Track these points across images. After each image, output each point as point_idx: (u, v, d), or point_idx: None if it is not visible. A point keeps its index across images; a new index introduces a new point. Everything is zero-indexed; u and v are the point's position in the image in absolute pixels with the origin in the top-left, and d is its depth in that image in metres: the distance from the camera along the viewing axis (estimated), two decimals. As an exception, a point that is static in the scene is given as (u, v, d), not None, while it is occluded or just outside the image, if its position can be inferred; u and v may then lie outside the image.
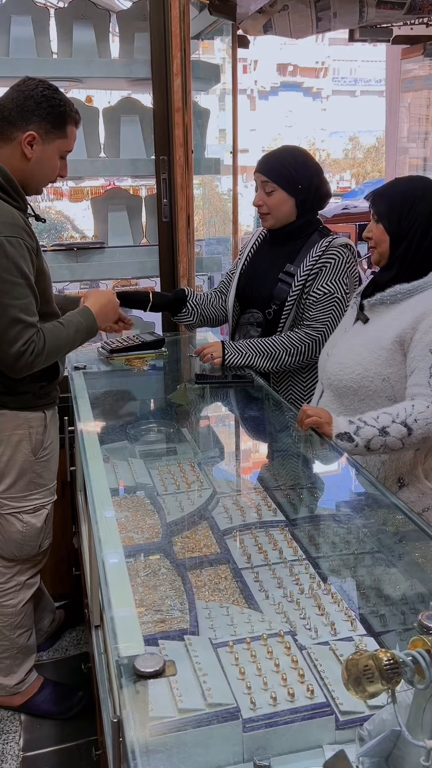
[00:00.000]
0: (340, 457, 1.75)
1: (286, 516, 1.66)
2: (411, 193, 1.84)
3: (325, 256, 2.25)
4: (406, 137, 4.29)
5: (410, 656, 0.91)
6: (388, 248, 1.86)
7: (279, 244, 2.37)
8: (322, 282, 2.24)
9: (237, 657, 1.19)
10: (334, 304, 2.24)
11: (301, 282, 2.26)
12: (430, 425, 1.70)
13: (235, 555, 1.53)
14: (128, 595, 1.05)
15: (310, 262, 2.26)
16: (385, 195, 1.88)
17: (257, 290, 2.37)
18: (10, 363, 1.89)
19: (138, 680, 0.81)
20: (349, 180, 26.42)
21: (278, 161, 2.27)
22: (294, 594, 1.38)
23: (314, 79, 37.50)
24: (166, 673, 0.80)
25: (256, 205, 2.31)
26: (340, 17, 3.05)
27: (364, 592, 1.42)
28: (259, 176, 2.28)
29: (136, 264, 2.91)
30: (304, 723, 1.09)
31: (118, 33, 2.90)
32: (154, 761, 0.91)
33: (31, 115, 1.88)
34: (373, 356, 1.84)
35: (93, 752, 1.41)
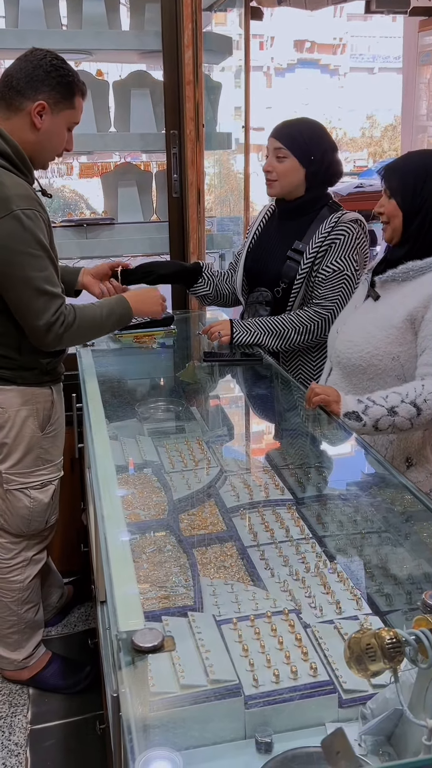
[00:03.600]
0: (348, 436, 1.73)
1: (293, 494, 1.65)
2: (425, 168, 1.79)
3: (335, 232, 2.20)
4: (425, 114, 4.18)
5: (413, 635, 0.90)
6: (401, 224, 1.82)
7: (288, 219, 2.32)
8: (332, 259, 2.20)
9: (240, 634, 1.19)
10: (344, 281, 2.20)
11: (310, 259, 2.22)
12: None
13: (241, 533, 1.52)
14: (130, 570, 1.05)
15: (319, 238, 2.21)
16: (398, 170, 1.83)
17: (266, 268, 2.33)
18: (40, 335, 1.91)
19: (136, 655, 0.80)
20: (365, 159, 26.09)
21: (295, 129, 2.23)
22: (300, 572, 1.37)
23: (331, 56, 36.94)
24: (165, 648, 0.80)
25: (266, 171, 2.26)
26: (356, -13, 2.97)
27: (369, 572, 1.41)
28: (273, 141, 2.23)
29: (145, 240, 2.88)
30: (306, 700, 1.09)
31: (128, 4, 2.85)
32: (153, 736, 0.90)
33: (40, 84, 1.85)
34: (383, 334, 1.81)
35: (97, 726, 1.42)
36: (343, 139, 28.91)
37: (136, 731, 0.73)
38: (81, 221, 2.84)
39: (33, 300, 1.86)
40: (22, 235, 1.82)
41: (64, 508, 2.29)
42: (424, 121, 4.18)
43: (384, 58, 35.99)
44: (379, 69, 36.36)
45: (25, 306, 1.87)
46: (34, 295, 1.86)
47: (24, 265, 1.84)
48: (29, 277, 1.85)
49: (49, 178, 3.62)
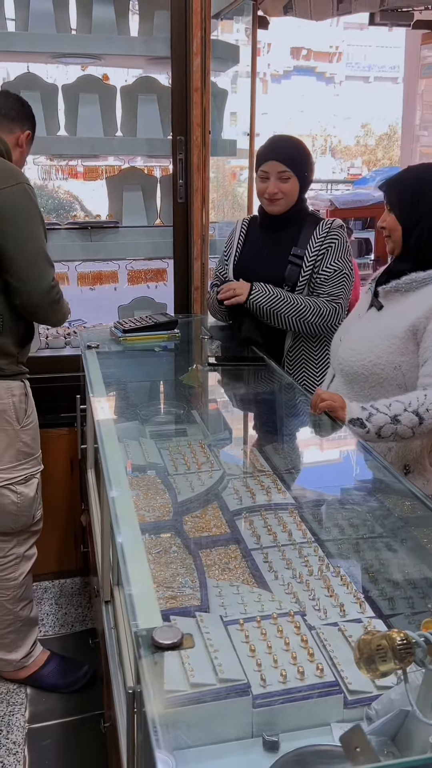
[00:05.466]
0: (352, 442, 1.76)
1: (296, 498, 1.67)
2: (423, 181, 1.83)
3: (330, 237, 2.39)
4: (419, 125, 4.25)
5: (423, 637, 0.93)
6: (401, 238, 1.85)
7: (278, 228, 2.46)
8: (330, 261, 2.38)
9: (247, 635, 1.21)
10: (345, 279, 2.38)
11: (311, 262, 2.38)
12: None
13: (244, 535, 1.54)
14: (146, 570, 1.07)
15: (316, 243, 2.38)
16: (397, 184, 1.88)
17: (264, 274, 2.42)
18: (43, 294, 2.06)
19: (156, 652, 0.82)
20: (360, 167, 26.22)
21: (293, 150, 2.39)
22: (303, 575, 1.39)
23: (327, 64, 37.10)
24: (184, 646, 0.82)
25: (272, 194, 2.37)
26: (361, 0, 3.01)
27: (373, 575, 1.43)
28: (277, 165, 2.35)
29: (149, 244, 2.91)
30: (313, 701, 1.11)
31: (137, 10, 2.88)
32: (167, 733, 0.92)
33: (25, 118, 2.20)
34: (386, 344, 1.84)
35: (102, 724, 1.44)
36: (338, 147, 29.07)
37: (160, 727, 0.75)
38: (86, 224, 2.86)
39: (40, 262, 2.04)
40: (33, 203, 2.04)
41: (61, 508, 2.31)
42: (418, 130, 4.24)
43: (380, 68, 36.18)
44: (374, 78, 36.55)
45: (33, 266, 2.02)
46: (41, 258, 2.04)
47: (34, 230, 2.03)
48: (39, 239, 2.04)
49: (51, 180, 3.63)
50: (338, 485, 1.81)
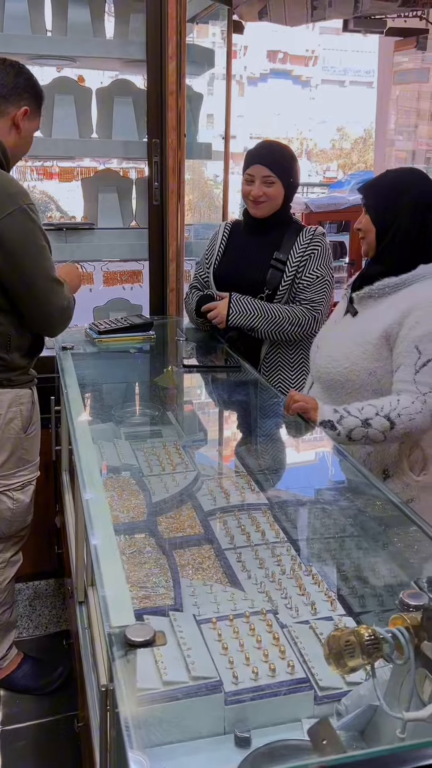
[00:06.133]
0: (327, 444, 1.78)
1: (269, 499, 1.69)
2: (398, 184, 1.85)
3: (313, 244, 2.43)
4: (394, 129, 4.32)
5: (390, 633, 0.95)
6: (374, 239, 1.86)
7: (261, 233, 2.49)
8: (313, 267, 2.42)
9: (220, 633, 1.22)
10: (326, 285, 2.42)
11: (294, 268, 2.41)
12: (413, 421, 1.72)
13: (218, 535, 1.55)
14: (119, 569, 1.08)
15: (300, 249, 2.42)
16: (374, 186, 1.90)
17: (245, 277, 2.45)
18: (53, 321, 2.04)
19: (129, 650, 0.84)
20: (335, 170, 26.40)
21: (280, 155, 2.43)
22: (276, 574, 1.41)
23: (304, 68, 37.34)
24: (157, 643, 0.83)
25: (257, 197, 2.40)
26: (335, 6, 3.05)
27: (344, 574, 1.46)
28: (261, 169, 2.40)
29: (125, 246, 2.92)
30: (284, 697, 1.13)
31: (113, 12, 2.88)
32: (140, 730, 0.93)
33: (23, 91, 1.97)
34: (361, 350, 1.85)
35: (75, 724, 1.44)
36: (314, 150, 29.25)
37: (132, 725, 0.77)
38: (61, 225, 2.86)
39: (48, 287, 1.97)
40: (33, 228, 1.94)
41: (37, 509, 2.31)
42: (393, 135, 4.31)
43: (355, 72, 36.48)
44: (350, 82, 36.85)
45: (42, 294, 1.96)
46: (48, 283, 1.97)
47: (37, 256, 1.94)
48: (43, 267, 1.96)
49: (25, 181, 3.62)
50: (311, 486, 1.83)
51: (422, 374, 1.74)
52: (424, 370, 1.74)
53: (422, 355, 1.74)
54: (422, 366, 1.74)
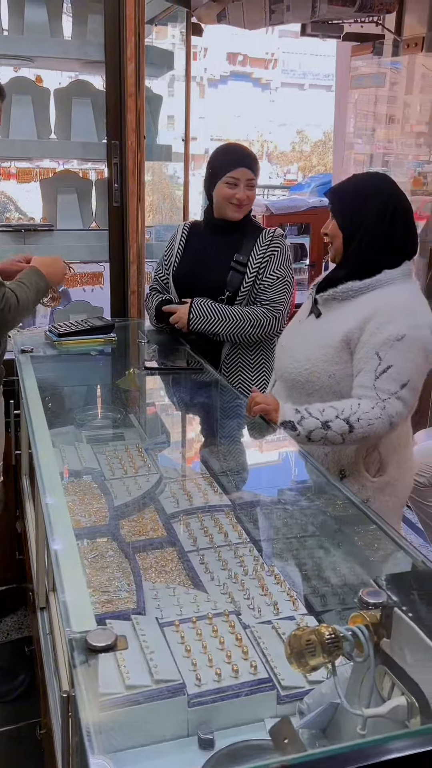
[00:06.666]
0: (288, 445, 1.80)
1: (232, 500, 1.70)
2: (363, 190, 1.85)
3: (273, 246, 2.45)
4: (352, 133, 4.38)
5: (350, 631, 0.96)
6: (341, 245, 1.87)
7: (222, 235, 2.50)
8: (274, 268, 2.44)
9: (183, 635, 1.22)
10: (287, 286, 2.45)
11: (254, 270, 2.43)
12: (371, 426, 1.73)
13: (181, 538, 1.55)
14: (79, 574, 1.07)
15: (260, 251, 2.44)
16: (340, 191, 1.90)
17: (205, 279, 2.46)
18: None
19: (90, 655, 0.83)
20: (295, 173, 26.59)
21: (257, 160, 2.49)
22: (239, 575, 1.41)
23: (263, 70, 37.52)
24: (118, 647, 0.83)
25: (242, 199, 2.43)
26: (293, 11, 3.08)
27: (305, 574, 1.47)
28: (247, 172, 2.42)
29: (85, 248, 2.90)
30: (247, 698, 1.13)
31: (71, 12, 2.86)
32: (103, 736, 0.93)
33: None
34: (322, 352, 1.86)
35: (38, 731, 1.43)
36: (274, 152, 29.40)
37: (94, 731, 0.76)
38: (20, 226, 2.83)
39: None
40: None
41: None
42: (351, 138, 4.36)
43: (314, 75, 36.79)
44: (309, 85, 37.15)
45: None
46: None
47: None
48: None
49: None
50: (273, 487, 1.84)
51: (382, 380, 1.74)
52: (383, 377, 1.74)
53: (382, 362, 1.75)
54: (382, 372, 1.74)
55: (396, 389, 1.74)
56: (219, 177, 2.42)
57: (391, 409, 1.74)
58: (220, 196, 2.43)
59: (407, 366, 1.75)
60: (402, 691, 0.92)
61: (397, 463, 1.94)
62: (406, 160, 4.01)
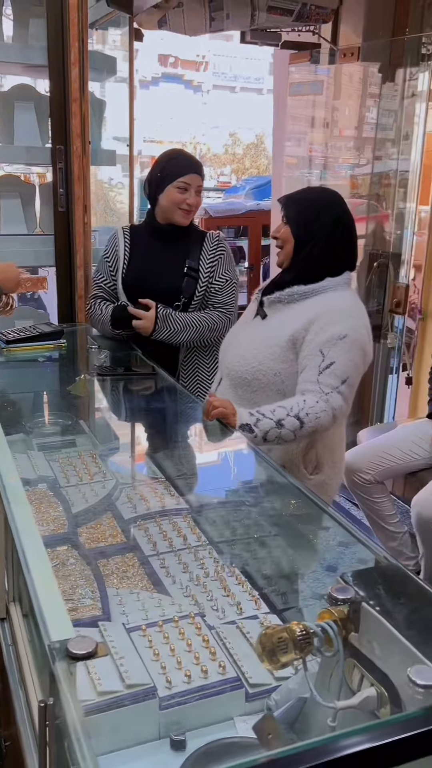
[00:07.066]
0: (243, 446, 1.83)
1: (189, 503, 1.72)
2: (318, 203, 1.97)
3: (219, 250, 2.51)
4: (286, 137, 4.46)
5: (320, 627, 1.00)
6: (292, 250, 1.97)
7: (168, 240, 2.52)
8: (221, 272, 2.50)
9: (150, 640, 1.24)
10: (234, 288, 2.53)
11: (207, 275, 2.49)
12: (319, 419, 1.82)
13: (141, 543, 1.56)
14: (52, 582, 1.08)
15: (209, 255, 2.49)
16: (296, 200, 2.00)
17: (159, 286, 2.47)
18: None
19: (71, 662, 0.84)
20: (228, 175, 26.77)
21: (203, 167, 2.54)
22: (200, 577, 1.43)
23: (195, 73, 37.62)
24: (99, 654, 0.84)
25: (192, 205, 2.46)
26: (232, 18, 3.13)
27: (266, 573, 1.50)
28: (197, 178, 2.46)
29: (30, 253, 2.86)
30: (216, 697, 1.16)
31: (11, 16, 2.83)
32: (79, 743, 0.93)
33: None
34: (268, 351, 1.95)
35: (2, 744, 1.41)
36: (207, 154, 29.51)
37: (83, 736, 0.78)
38: (-38, 232, 2.78)
39: None
40: None
41: None
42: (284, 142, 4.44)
43: (245, 78, 37.10)
44: (240, 88, 37.45)
45: None
46: None
47: None
48: None
49: None
50: (230, 488, 1.87)
51: (325, 375, 1.85)
52: (326, 372, 1.85)
53: (325, 358, 1.85)
54: (325, 368, 1.85)
55: (337, 384, 1.84)
56: (169, 181, 2.43)
57: (334, 402, 1.84)
58: (169, 201, 2.44)
59: (348, 363, 1.86)
60: (371, 683, 0.96)
61: (332, 463, 2.04)
62: (337, 164, 4.12)
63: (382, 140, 3.78)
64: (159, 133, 27.04)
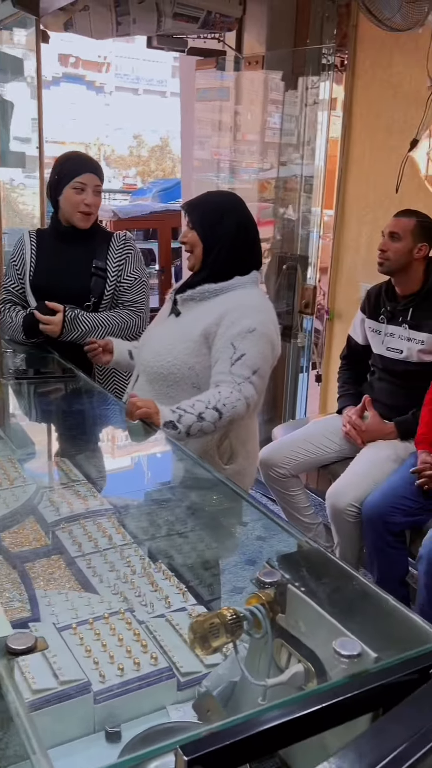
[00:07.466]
0: (163, 443, 1.87)
1: (113, 503, 1.74)
2: (221, 207, 2.06)
3: (126, 249, 2.54)
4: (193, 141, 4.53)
5: (249, 611, 1.05)
6: (201, 253, 2.06)
7: (75, 241, 2.53)
8: (130, 270, 2.53)
9: (82, 637, 1.25)
10: (144, 286, 2.56)
11: (115, 274, 2.50)
12: (236, 408, 1.91)
13: (66, 544, 1.57)
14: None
15: (116, 254, 2.51)
16: (200, 206, 2.09)
17: (68, 287, 2.48)
18: None
19: (12, 658, 0.85)
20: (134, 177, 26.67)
21: (101, 167, 2.52)
22: (127, 575, 1.46)
23: (97, 73, 37.23)
24: (38, 648, 0.86)
25: (91, 205, 2.45)
26: (139, 23, 3.16)
27: (191, 566, 1.54)
28: (94, 178, 2.45)
29: None
30: (149, 688, 1.19)
31: None
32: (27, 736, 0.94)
33: None
34: (183, 346, 2.03)
35: None
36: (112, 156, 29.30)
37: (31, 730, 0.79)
38: None
39: None
40: None
41: None
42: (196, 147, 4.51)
43: (148, 81, 37.07)
44: (143, 91, 37.36)
45: None
46: None
47: None
48: None
49: None
50: (152, 485, 1.91)
51: (237, 366, 1.94)
52: (238, 363, 1.94)
53: (237, 351, 1.95)
54: (237, 360, 1.94)
55: (249, 374, 1.94)
56: (65, 182, 2.43)
57: (246, 391, 1.93)
58: (67, 202, 2.45)
59: (258, 355, 1.96)
60: (299, 659, 1.02)
61: (245, 453, 2.12)
62: (241, 167, 4.22)
63: (285, 145, 3.91)
64: (61, 134, 26.61)
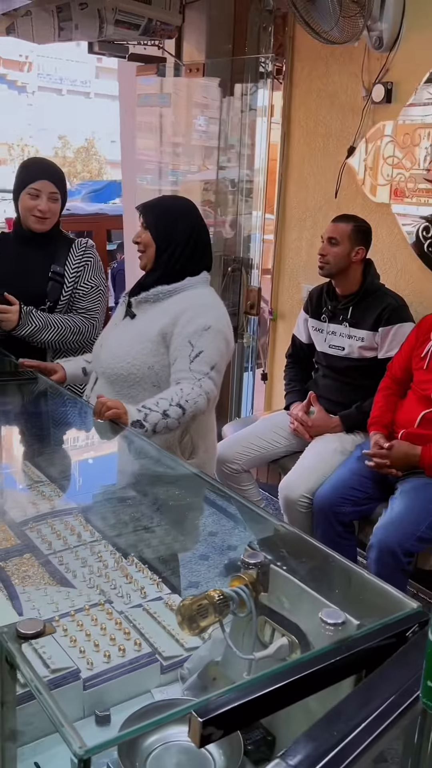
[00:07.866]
0: (126, 440, 1.91)
1: (79, 502, 1.78)
2: (175, 210, 2.12)
3: (86, 256, 2.56)
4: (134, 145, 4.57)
5: (234, 591, 1.13)
6: (154, 254, 2.11)
7: (36, 246, 2.55)
8: (88, 277, 2.55)
9: (65, 629, 1.30)
10: (100, 294, 2.59)
11: (72, 280, 2.53)
12: (197, 404, 1.97)
13: (36, 543, 1.60)
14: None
15: (75, 261, 2.54)
16: (154, 208, 2.14)
17: (26, 291, 2.49)
18: None
19: (23, 642, 0.90)
20: (62, 178, 26.26)
21: (61, 174, 2.54)
22: (101, 569, 1.50)
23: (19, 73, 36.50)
24: (47, 632, 0.90)
25: (44, 211, 2.47)
26: (81, 29, 3.19)
27: (162, 557, 1.60)
28: (49, 185, 2.47)
29: None
30: (135, 673, 1.25)
31: None
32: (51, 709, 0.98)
33: None
34: (140, 347, 2.07)
35: None
36: (37, 156, 28.78)
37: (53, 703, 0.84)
38: None
39: None
40: None
41: None
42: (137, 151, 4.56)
43: (71, 81, 36.60)
44: (67, 91, 36.88)
45: None
46: None
47: None
48: None
49: None
50: (119, 482, 1.95)
51: (196, 363, 2.00)
52: (196, 360, 2.00)
53: (194, 348, 2.01)
54: (195, 357, 2.01)
55: (207, 370, 2.01)
56: (21, 188, 2.48)
57: (206, 386, 2.00)
58: (23, 207, 2.50)
59: (214, 352, 2.03)
60: (282, 633, 1.10)
61: (205, 447, 2.18)
62: (179, 170, 4.30)
63: (224, 149, 4.01)
64: (-17, 134, 26.01)
